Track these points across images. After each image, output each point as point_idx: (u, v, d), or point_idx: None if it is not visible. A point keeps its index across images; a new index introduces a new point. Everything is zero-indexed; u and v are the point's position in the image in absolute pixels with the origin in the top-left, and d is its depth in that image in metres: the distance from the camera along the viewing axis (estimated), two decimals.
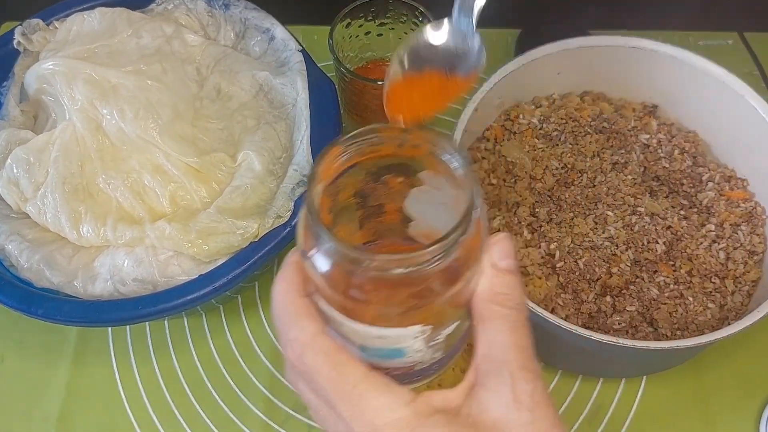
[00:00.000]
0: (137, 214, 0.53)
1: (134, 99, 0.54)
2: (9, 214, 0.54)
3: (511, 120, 0.60)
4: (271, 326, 0.60)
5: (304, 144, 0.54)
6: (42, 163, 0.53)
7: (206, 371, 0.58)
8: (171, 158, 0.53)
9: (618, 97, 0.62)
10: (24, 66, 0.59)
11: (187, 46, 0.59)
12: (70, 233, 0.52)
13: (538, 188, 0.56)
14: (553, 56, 0.58)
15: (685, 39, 0.75)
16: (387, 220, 0.35)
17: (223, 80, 0.58)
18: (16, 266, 0.52)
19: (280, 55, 0.60)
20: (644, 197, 0.56)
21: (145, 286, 0.51)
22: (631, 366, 0.55)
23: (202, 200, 0.54)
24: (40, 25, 0.60)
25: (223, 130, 0.57)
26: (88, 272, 0.52)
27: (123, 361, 0.58)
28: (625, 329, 0.52)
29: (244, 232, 0.51)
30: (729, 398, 0.56)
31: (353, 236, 0.35)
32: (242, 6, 0.61)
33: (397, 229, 0.35)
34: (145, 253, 0.51)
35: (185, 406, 0.56)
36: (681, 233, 0.54)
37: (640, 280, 0.53)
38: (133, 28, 0.58)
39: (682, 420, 0.55)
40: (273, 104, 0.58)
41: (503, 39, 0.75)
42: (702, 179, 0.57)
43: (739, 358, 0.57)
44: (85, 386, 0.57)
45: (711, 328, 0.51)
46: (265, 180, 0.54)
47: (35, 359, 0.58)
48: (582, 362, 0.55)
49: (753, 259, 0.54)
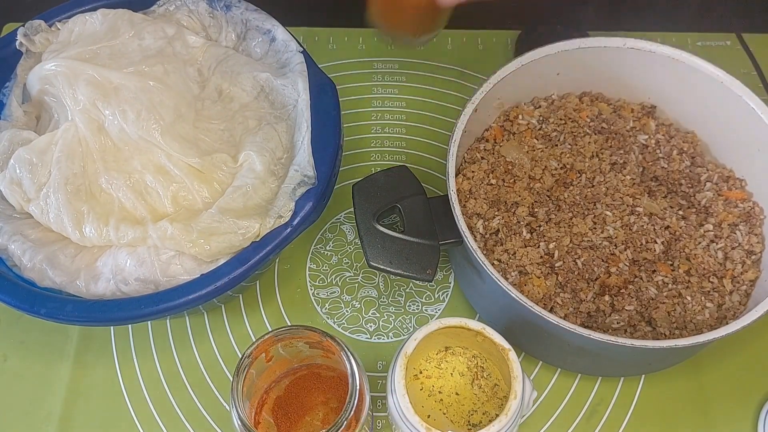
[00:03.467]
0: (139, 214, 0.53)
1: (136, 100, 0.54)
2: (12, 214, 0.54)
3: (510, 120, 0.60)
4: (272, 325, 0.60)
5: (305, 144, 0.54)
6: (44, 163, 0.54)
7: (208, 370, 0.58)
8: (173, 159, 0.54)
9: (617, 98, 0.62)
10: (26, 67, 0.59)
11: (188, 47, 0.59)
12: (72, 233, 0.52)
13: (537, 188, 0.57)
14: (552, 57, 0.58)
15: (683, 40, 0.75)
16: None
17: (225, 81, 0.58)
18: (19, 266, 0.53)
19: (281, 56, 0.60)
20: (643, 197, 0.56)
21: (147, 286, 0.51)
22: (629, 365, 0.56)
23: (203, 200, 0.54)
24: (42, 27, 0.60)
25: (225, 130, 0.57)
26: (90, 272, 0.52)
27: (125, 360, 0.58)
28: (624, 328, 0.52)
29: (246, 231, 0.51)
30: (727, 397, 0.56)
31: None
32: (243, 7, 0.61)
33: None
34: (147, 252, 0.52)
35: (187, 405, 0.57)
36: (679, 233, 0.55)
37: (638, 279, 0.53)
38: (135, 30, 0.58)
39: (680, 419, 0.56)
40: (274, 105, 0.59)
41: (503, 40, 0.75)
42: (700, 179, 0.58)
43: (737, 357, 0.58)
44: (87, 385, 0.57)
45: (709, 328, 0.51)
46: (266, 180, 0.54)
47: (38, 358, 0.59)
48: (580, 361, 0.55)
49: (751, 259, 0.54)
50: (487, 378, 0.51)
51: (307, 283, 0.62)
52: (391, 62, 0.74)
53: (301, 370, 0.51)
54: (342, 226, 0.65)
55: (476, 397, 0.50)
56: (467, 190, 0.56)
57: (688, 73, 0.57)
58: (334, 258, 0.63)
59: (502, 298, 0.49)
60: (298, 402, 0.50)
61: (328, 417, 0.50)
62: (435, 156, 0.68)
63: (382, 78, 0.73)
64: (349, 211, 0.65)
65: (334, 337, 0.45)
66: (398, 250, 0.53)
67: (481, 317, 0.59)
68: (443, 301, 0.61)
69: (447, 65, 0.74)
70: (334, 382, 0.51)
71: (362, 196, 0.55)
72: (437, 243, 0.53)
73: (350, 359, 0.45)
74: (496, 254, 0.54)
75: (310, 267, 0.63)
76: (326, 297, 0.61)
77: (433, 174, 0.67)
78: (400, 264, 0.52)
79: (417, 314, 0.60)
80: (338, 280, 0.62)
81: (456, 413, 0.50)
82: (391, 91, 0.72)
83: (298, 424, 0.50)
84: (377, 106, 0.71)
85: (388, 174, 0.56)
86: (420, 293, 0.61)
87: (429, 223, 0.54)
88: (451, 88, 0.72)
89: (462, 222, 0.51)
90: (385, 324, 0.60)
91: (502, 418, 0.44)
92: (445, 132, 0.69)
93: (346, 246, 0.64)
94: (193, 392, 0.57)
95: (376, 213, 0.54)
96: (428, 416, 0.49)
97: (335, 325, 0.60)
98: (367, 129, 0.70)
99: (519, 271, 0.53)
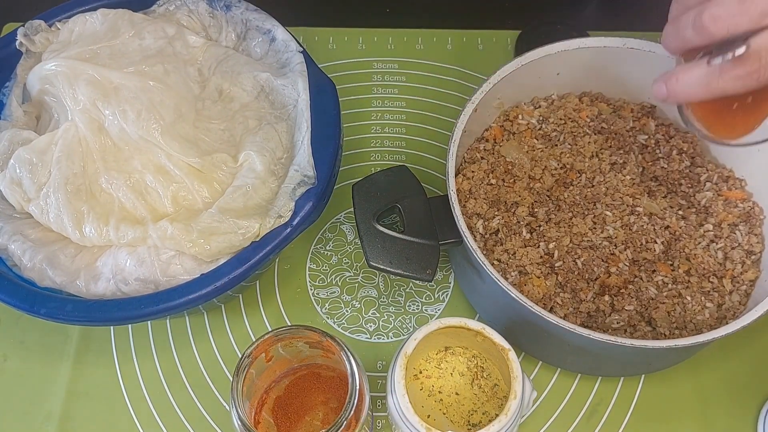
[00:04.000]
0: (139, 214, 0.53)
1: (136, 100, 0.54)
2: (12, 214, 0.54)
3: (510, 120, 0.60)
4: (272, 325, 0.60)
5: (305, 144, 0.54)
6: (45, 163, 0.54)
7: (208, 370, 0.58)
8: (173, 159, 0.54)
9: (616, 98, 0.62)
10: (26, 67, 0.59)
11: (188, 47, 0.59)
12: (72, 233, 0.52)
13: (537, 188, 0.57)
14: (552, 57, 0.58)
15: None
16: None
17: (225, 81, 0.59)
18: (19, 266, 0.53)
19: (281, 56, 0.60)
20: (643, 197, 0.56)
21: (148, 286, 0.51)
22: (629, 365, 0.56)
23: (203, 200, 0.54)
24: (42, 26, 0.60)
25: (225, 130, 0.57)
26: (90, 272, 0.52)
27: (125, 360, 0.59)
28: (624, 328, 0.52)
29: (246, 231, 0.51)
30: (727, 397, 0.56)
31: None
32: (243, 7, 0.61)
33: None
34: (147, 252, 0.52)
35: (187, 405, 0.57)
36: (679, 233, 0.55)
37: (638, 279, 0.53)
38: (135, 30, 0.58)
39: (680, 419, 0.56)
40: (274, 105, 0.59)
41: (503, 40, 0.75)
42: (700, 179, 0.58)
43: (737, 357, 0.58)
44: (87, 385, 0.57)
45: (709, 328, 0.51)
46: (266, 180, 0.54)
47: (37, 358, 0.59)
48: (580, 361, 0.55)
49: (751, 259, 0.54)
50: (487, 378, 0.51)
51: (307, 283, 0.62)
52: (391, 62, 0.74)
53: (301, 370, 0.51)
54: (342, 226, 0.65)
55: (476, 397, 0.50)
56: (467, 190, 0.56)
57: None
58: (334, 258, 0.63)
59: (502, 298, 0.49)
60: (298, 402, 0.50)
61: (328, 417, 0.50)
62: (435, 156, 0.68)
63: (382, 78, 0.73)
64: (349, 211, 0.65)
65: (334, 337, 0.45)
66: (398, 250, 0.53)
67: (481, 317, 0.59)
68: (443, 301, 0.61)
69: (447, 65, 0.73)
70: (334, 382, 0.51)
71: (362, 196, 0.55)
72: (437, 243, 0.53)
73: (350, 359, 0.45)
74: (496, 254, 0.54)
75: (310, 267, 0.63)
76: (326, 297, 0.61)
77: (433, 174, 0.67)
78: (400, 264, 0.52)
79: (417, 314, 0.60)
80: (338, 280, 0.62)
81: (456, 413, 0.50)
82: (391, 91, 0.72)
83: (298, 424, 0.50)
84: (377, 106, 0.71)
85: (388, 174, 0.56)
86: (420, 293, 0.61)
87: (429, 223, 0.54)
88: (451, 88, 0.72)
89: (462, 222, 0.51)
90: (385, 324, 0.60)
91: (502, 418, 0.44)
92: (445, 132, 0.69)
93: (346, 246, 0.64)
94: (193, 392, 0.57)
95: (376, 213, 0.54)
96: (428, 416, 0.50)
97: (335, 325, 0.60)
98: (367, 129, 0.70)
99: (519, 271, 0.53)
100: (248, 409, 0.46)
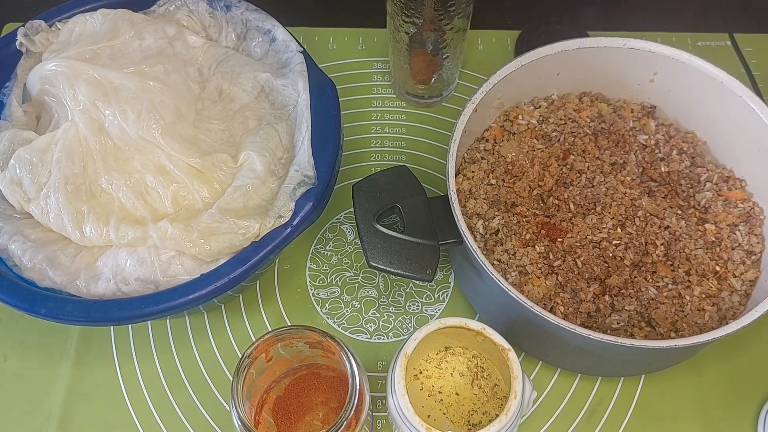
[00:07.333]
0: (139, 214, 0.53)
1: (136, 100, 0.54)
2: (12, 214, 0.54)
3: (510, 120, 0.60)
4: (272, 325, 0.60)
5: (305, 144, 0.54)
6: (45, 163, 0.54)
7: (208, 370, 0.58)
8: (173, 159, 0.54)
9: (616, 98, 0.62)
10: (26, 67, 0.60)
11: (189, 47, 0.59)
12: (72, 233, 0.52)
13: (537, 188, 0.57)
14: (552, 57, 0.58)
15: (683, 40, 0.75)
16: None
17: (225, 81, 0.59)
18: (19, 266, 0.53)
19: (281, 56, 0.60)
20: (643, 197, 0.56)
21: (148, 286, 0.51)
22: (629, 365, 0.56)
23: (203, 200, 0.54)
24: (43, 27, 0.60)
25: (225, 130, 0.57)
26: (90, 272, 0.52)
27: (125, 360, 0.59)
28: (624, 328, 0.52)
29: (246, 231, 0.51)
30: (727, 398, 0.56)
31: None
32: (243, 7, 0.61)
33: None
34: (147, 252, 0.52)
35: (187, 405, 0.57)
36: (679, 233, 0.55)
37: (638, 279, 0.53)
38: (136, 30, 0.58)
39: (680, 419, 0.56)
40: (274, 105, 0.59)
41: (503, 40, 0.75)
42: (700, 179, 0.58)
43: (736, 357, 0.58)
44: (87, 385, 0.58)
45: (709, 328, 0.51)
46: (266, 180, 0.54)
47: (37, 358, 0.59)
48: (580, 361, 0.55)
49: (751, 259, 0.54)
50: (487, 378, 0.51)
51: (307, 283, 0.62)
52: None
53: (301, 370, 0.51)
54: (342, 226, 0.65)
55: (476, 397, 0.50)
56: (467, 190, 0.56)
57: (688, 74, 0.57)
58: (334, 258, 0.63)
59: (502, 298, 0.49)
60: (298, 402, 0.50)
61: (328, 417, 0.50)
62: (435, 156, 0.68)
63: (382, 78, 0.73)
64: (349, 211, 0.65)
65: (334, 337, 0.45)
66: (398, 250, 0.53)
67: (481, 317, 0.59)
68: (443, 301, 0.61)
69: None
70: (334, 382, 0.51)
71: (362, 196, 0.55)
72: (437, 243, 0.53)
73: (350, 359, 0.45)
74: (496, 254, 0.54)
75: (310, 267, 0.63)
76: (326, 297, 0.61)
77: (433, 174, 0.67)
78: (400, 264, 0.52)
79: (417, 314, 0.60)
80: (338, 280, 0.62)
81: (456, 413, 0.50)
82: (391, 91, 0.72)
83: (298, 424, 0.50)
84: (377, 106, 0.71)
85: (388, 174, 0.56)
86: (420, 293, 0.61)
87: (429, 223, 0.54)
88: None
89: (462, 222, 0.51)
90: (385, 324, 0.60)
91: (502, 418, 0.44)
92: (445, 132, 0.69)
93: (346, 246, 0.64)
94: (193, 392, 0.57)
95: (376, 213, 0.54)
96: (428, 416, 0.50)
97: (335, 325, 0.60)
98: (367, 129, 0.70)
99: (519, 271, 0.53)
100: (248, 409, 0.46)
